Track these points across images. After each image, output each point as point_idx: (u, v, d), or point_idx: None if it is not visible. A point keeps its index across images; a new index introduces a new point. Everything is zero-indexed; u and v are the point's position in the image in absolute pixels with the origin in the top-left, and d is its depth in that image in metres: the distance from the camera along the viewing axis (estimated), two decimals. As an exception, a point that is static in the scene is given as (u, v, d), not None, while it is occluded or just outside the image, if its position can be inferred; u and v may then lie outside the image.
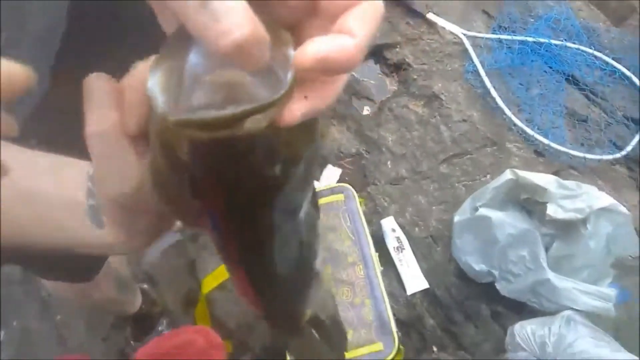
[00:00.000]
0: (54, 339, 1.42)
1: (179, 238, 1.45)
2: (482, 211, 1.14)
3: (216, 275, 1.28)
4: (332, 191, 1.14)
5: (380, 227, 1.35)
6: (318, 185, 1.38)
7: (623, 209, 1.05)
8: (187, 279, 1.41)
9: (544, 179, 1.10)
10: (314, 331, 0.68)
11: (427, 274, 1.29)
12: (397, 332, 1.00)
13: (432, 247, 1.32)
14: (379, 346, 0.99)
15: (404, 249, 1.31)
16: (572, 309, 1.06)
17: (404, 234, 1.33)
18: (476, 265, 1.18)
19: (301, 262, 0.48)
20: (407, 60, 1.59)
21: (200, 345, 0.97)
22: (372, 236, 1.33)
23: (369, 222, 1.36)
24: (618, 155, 1.41)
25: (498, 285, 1.16)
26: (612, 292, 1.09)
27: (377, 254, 1.10)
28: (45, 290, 1.08)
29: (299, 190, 0.40)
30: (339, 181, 1.39)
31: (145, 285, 1.42)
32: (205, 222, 0.40)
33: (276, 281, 0.48)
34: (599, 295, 1.08)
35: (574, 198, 1.07)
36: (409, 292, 1.27)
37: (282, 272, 0.47)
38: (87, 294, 1.00)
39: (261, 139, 0.32)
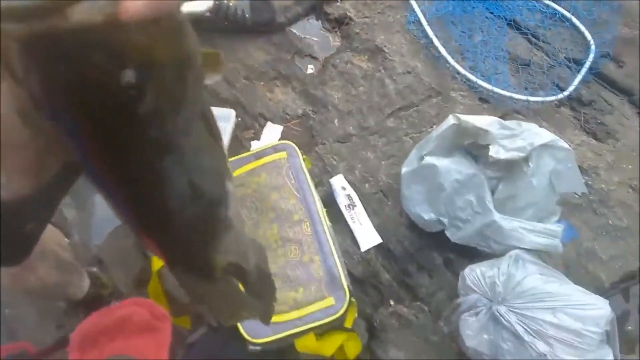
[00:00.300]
0: (5, 334, 1.36)
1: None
2: (428, 160, 1.13)
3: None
4: (274, 149, 1.11)
5: (330, 186, 1.32)
6: (259, 144, 1.34)
7: (564, 144, 1.05)
8: (136, 258, 1.36)
9: (485, 121, 1.09)
10: (236, 282, 0.65)
11: (379, 229, 1.27)
12: (348, 286, 0.99)
13: (383, 202, 1.31)
14: (330, 301, 0.98)
15: (355, 206, 1.29)
16: (520, 248, 1.06)
17: (355, 191, 1.31)
18: (425, 214, 1.17)
19: (195, 206, 0.44)
20: (348, 14, 1.55)
21: (142, 317, 0.93)
22: (324, 196, 1.32)
23: (319, 183, 1.34)
24: (561, 96, 1.42)
25: (448, 233, 1.16)
26: (558, 228, 1.10)
27: (324, 209, 1.07)
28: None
29: (169, 112, 0.36)
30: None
31: (94, 269, 1.37)
32: (73, 151, 0.36)
33: (167, 225, 0.45)
34: (545, 232, 1.09)
35: (514, 137, 1.06)
36: (363, 248, 1.26)
37: (172, 216, 0.43)
38: (23, 279, 0.94)
39: (99, 36, 0.28)
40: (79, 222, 1.45)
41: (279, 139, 1.37)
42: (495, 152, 1.03)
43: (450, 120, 1.11)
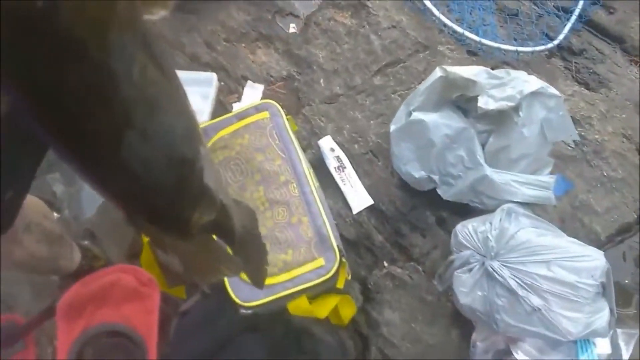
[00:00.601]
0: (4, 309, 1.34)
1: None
2: (416, 115, 1.09)
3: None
4: (256, 109, 1.06)
5: (319, 148, 1.29)
6: (241, 105, 1.30)
7: (554, 91, 1.02)
8: (128, 230, 1.33)
9: (472, 71, 1.05)
10: (215, 239, 0.62)
11: (371, 190, 1.25)
12: (338, 246, 0.96)
13: (373, 162, 1.28)
14: (320, 262, 0.95)
15: (345, 167, 1.26)
16: (513, 202, 1.04)
17: (344, 152, 1.28)
18: (416, 172, 1.14)
19: (162, 165, 0.43)
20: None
21: (128, 284, 0.91)
22: (313, 159, 1.29)
23: (308, 145, 1.31)
24: (550, 45, 1.38)
25: (439, 191, 1.13)
26: (550, 179, 1.08)
27: (311, 170, 1.04)
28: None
29: (95, 33, 0.32)
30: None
31: (85, 242, 1.34)
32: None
33: (128, 185, 0.43)
34: (538, 184, 1.06)
35: (503, 86, 1.02)
36: (355, 210, 1.24)
37: (134, 176, 0.42)
38: (10, 252, 0.91)
39: None
40: (68, 196, 1.41)
41: (261, 99, 1.33)
42: (484, 102, 1.00)
43: (437, 72, 1.07)
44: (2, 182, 0.72)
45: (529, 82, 1.01)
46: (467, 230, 1.04)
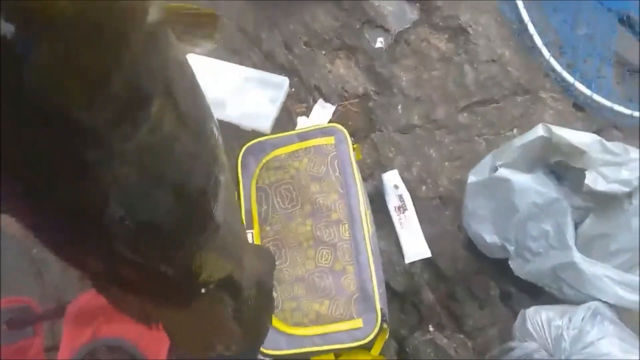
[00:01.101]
0: (31, 273, 1.31)
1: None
2: (503, 172, 0.94)
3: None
4: (321, 132, 0.94)
5: (381, 181, 1.16)
6: (307, 123, 1.18)
7: (683, 184, 0.83)
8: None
9: (584, 139, 0.88)
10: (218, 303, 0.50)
11: (431, 241, 1.10)
12: (382, 309, 0.83)
13: (440, 211, 1.13)
14: (357, 323, 0.83)
15: (406, 209, 1.12)
16: (599, 300, 0.87)
17: (409, 192, 1.14)
18: (488, 236, 0.99)
19: (166, 198, 0.35)
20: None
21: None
22: (372, 192, 1.16)
23: (369, 175, 1.18)
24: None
25: (512, 264, 0.97)
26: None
27: (369, 212, 0.91)
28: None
29: (86, 87, 0.25)
30: (335, 122, 1.18)
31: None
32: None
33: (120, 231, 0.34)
34: (634, 286, 0.88)
35: (619, 166, 0.85)
36: (408, 260, 1.10)
37: (130, 216, 0.33)
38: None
39: None
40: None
41: (329, 121, 1.21)
42: (593, 181, 0.83)
43: (539, 130, 0.91)
44: None
45: (651, 167, 0.83)
46: (539, 318, 0.88)
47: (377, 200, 1.15)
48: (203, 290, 0.46)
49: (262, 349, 0.84)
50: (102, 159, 0.29)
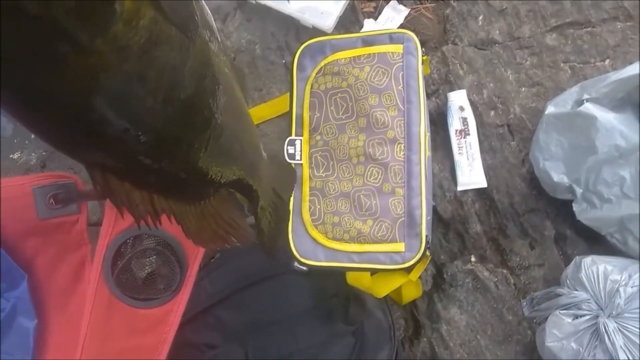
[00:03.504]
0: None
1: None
2: (589, 107, 0.83)
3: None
4: (390, 38, 0.85)
5: (446, 101, 1.06)
6: (374, 26, 1.08)
7: None
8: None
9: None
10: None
11: (489, 171, 1.03)
12: (427, 236, 0.79)
13: (506, 140, 1.04)
14: (399, 246, 0.79)
15: (468, 134, 1.04)
16: (669, 260, 0.79)
17: (474, 116, 1.04)
18: (556, 174, 0.90)
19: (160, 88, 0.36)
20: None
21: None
22: (434, 111, 1.07)
23: (434, 92, 1.09)
24: None
25: (576, 207, 0.89)
26: None
27: (428, 135, 0.84)
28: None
29: None
30: (405, 28, 1.07)
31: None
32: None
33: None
34: None
35: None
36: (460, 187, 1.03)
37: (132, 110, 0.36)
38: None
39: None
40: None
41: (400, 26, 1.09)
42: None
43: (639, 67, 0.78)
44: None
45: None
46: (596, 268, 0.82)
47: (438, 121, 1.07)
48: (212, 190, 0.50)
49: (300, 256, 0.84)
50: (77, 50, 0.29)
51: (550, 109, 0.89)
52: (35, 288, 0.88)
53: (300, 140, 0.87)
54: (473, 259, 1.02)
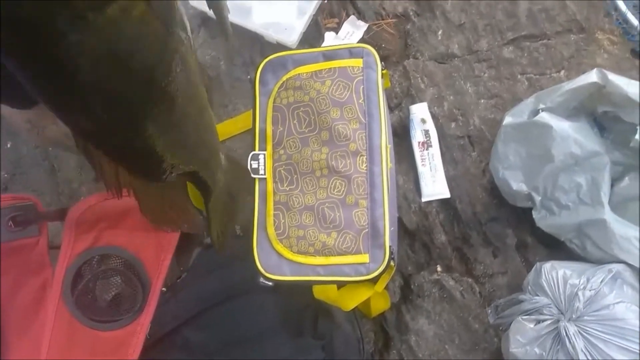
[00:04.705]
0: (47, 167, 1.32)
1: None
2: (544, 116, 0.86)
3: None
4: (350, 53, 0.86)
5: (408, 114, 1.08)
6: (334, 41, 1.09)
7: None
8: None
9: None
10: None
11: (451, 182, 1.05)
12: (390, 247, 0.80)
13: (467, 151, 1.06)
14: (364, 258, 0.80)
15: (430, 146, 1.06)
16: (624, 263, 0.82)
17: (436, 128, 1.07)
18: (515, 183, 0.92)
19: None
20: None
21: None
22: (397, 124, 1.09)
23: (396, 106, 1.11)
24: None
25: (535, 214, 0.92)
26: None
27: (390, 147, 0.85)
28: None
29: None
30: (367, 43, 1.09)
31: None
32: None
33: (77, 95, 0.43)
34: (666, 253, 0.82)
35: (676, 123, 0.76)
36: (425, 198, 1.05)
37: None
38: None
39: None
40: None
41: (360, 41, 1.12)
42: (645, 137, 0.75)
43: (593, 76, 0.82)
44: None
45: None
46: (555, 274, 0.84)
47: (401, 133, 1.09)
48: (166, 176, 0.56)
49: (265, 272, 0.83)
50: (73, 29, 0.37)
51: (507, 120, 0.92)
52: (-1, 309, 0.86)
53: (264, 154, 0.86)
54: (439, 268, 1.03)
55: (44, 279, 0.89)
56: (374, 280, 0.82)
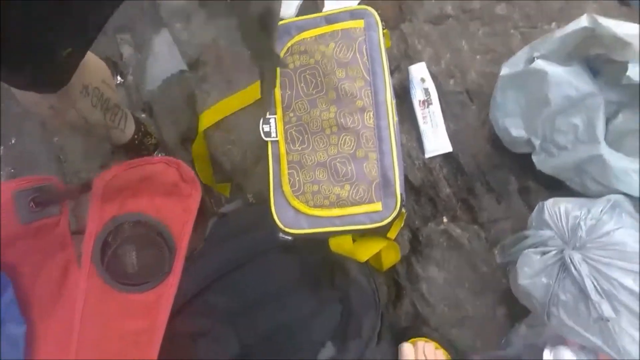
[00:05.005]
0: (53, 160, 1.35)
1: (182, 68, 1.28)
2: (539, 63, 0.90)
3: (214, 111, 1.12)
4: (351, 15, 0.90)
5: (408, 75, 1.12)
6: (335, 6, 1.13)
7: None
8: (186, 113, 1.26)
9: (630, 31, 0.83)
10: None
11: (453, 137, 1.09)
12: (401, 194, 0.84)
13: (466, 106, 1.11)
14: (377, 206, 0.84)
15: (431, 103, 1.10)
16: (622, 193, 0.86)
17: (435, 86, 1.11)
18: (515, 130, 0.97)
19: None
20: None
21: (169, 178, 0.84)
22: (397, 85, 1.13)
23: (396, 68, 1.15)
24: None
25: (535, 158, 0.96)
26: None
27: (394, 102, 0.89)
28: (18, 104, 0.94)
29: None
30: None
31: (142, 115, 1.29)
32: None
33: None
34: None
35: (664, 59, 0.80)
36: (428, 154, 1.09)
37: None
38: (61, 112, 0.86)
39: None
40: (134, 62, 1.34)
41: (359, 3, 1.15)
42: (635, 72, 0.79)
43: (583, 21, 0.86)
44: (62, 36, 0.65)
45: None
46: (558, 208, 0.89)
47: (402, 94, 1.13)
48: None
49: (284, 227, 0.87)
50: None
51: (504, 70, 0.96)
52: (22, 293, 0.88)
53: (275, 118, 0.91)
54: (445, 219, 1.08)
55: (67, 257, 0.92)
56: (387, 227, 0.87)
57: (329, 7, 1.15)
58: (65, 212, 0.87)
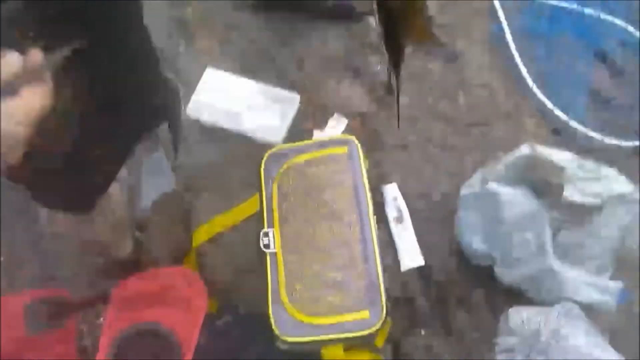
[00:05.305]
0: (44, 271, 1.36)
1: (174, 187, 1.39)
2: (492, 186, 1.07)
3: (208, 228, 1.22)
4: (336, 142, 1.07)
5: (382, 194, 1.28)
6: (320, 135, 1.30)
7: (644, 200, 0.98)
8: (179, 231, 1.35)
9: (562, 157, 1.03)
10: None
11: (424, 251, 1.22)
12: (386, 302, 0.94)
13: (434, 222, 1.26)
14: (365, 314, 0.94)
15: (403, 220, 1.25)
16: (572, 300, 1.00)
17: (406, 204, 1.26)
18: (477, 245, 1.12)
19: None
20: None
21: (184, 292, 0.92)
22: (374, 203, 1.27)
23: (372, 188, 1.30)
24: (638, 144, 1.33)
25: (497, 271, 1.10)
26: (616, 285, 1.03)
27: (374, 217, 1.03)
28: (43, 220, 1.00)
29: None
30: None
31: (138, 234, 1.36)
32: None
33: None
34: (603, 288, 1.02)
35: (592, 181, 0.99)
36: (403, 268, 1.22)
37: None
38: (81, 231, 0.93)
39: None
40: (129, 182, 1.43)
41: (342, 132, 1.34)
42: (571, 193, 0.97)
43: (525, 149, 1.05)
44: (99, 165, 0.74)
45: (619, 183, 0.98)
46: (520, 317, 1.01)
47: (378, 212, 1.26)
48: None
49: (280, 335, 0.94)
50: None
51: (464, 192, 1.13)
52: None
53: (272, 231, 1.02)
54: (423, 332, 1.17)
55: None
56: (374, 336, 0.96)
57: (316, 135, 1.33)
58: (72, 326, 0.91)
